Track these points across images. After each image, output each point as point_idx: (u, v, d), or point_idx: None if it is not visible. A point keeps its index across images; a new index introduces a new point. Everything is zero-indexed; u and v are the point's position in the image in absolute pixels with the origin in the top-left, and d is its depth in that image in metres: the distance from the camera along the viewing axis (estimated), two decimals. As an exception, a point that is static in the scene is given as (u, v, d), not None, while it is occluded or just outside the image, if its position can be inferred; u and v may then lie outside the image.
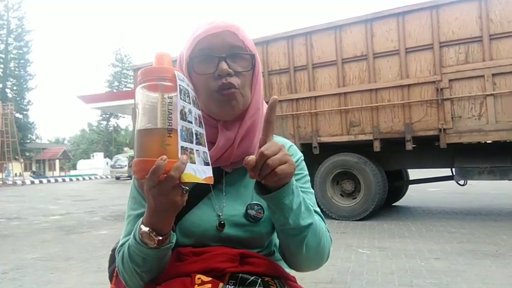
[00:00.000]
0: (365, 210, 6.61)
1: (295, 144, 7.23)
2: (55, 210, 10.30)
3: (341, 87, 6.69)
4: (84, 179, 32.71)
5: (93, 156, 44.26)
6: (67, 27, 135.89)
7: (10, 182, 27.63)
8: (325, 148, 6.92)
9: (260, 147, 0.80)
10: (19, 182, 27.63)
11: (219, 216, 0.94)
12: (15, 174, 31.16)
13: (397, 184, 7.95)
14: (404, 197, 8.65)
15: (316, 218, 0.93)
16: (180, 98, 0.73)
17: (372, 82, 6.46)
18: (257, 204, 0.95)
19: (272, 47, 7.26)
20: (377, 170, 6.62)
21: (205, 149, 0.83)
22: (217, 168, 0.95)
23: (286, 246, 0.93)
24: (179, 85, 0.73)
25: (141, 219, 0.82)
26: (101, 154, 43.82)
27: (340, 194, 6.99)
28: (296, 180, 0.97)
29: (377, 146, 6.44)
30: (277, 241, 1.03)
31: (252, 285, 0.86)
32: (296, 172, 0.99)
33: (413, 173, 8.60)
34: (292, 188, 0.84)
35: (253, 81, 0.96)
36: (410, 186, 8.63)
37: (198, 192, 0.95)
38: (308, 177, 1.07)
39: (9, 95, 37.72)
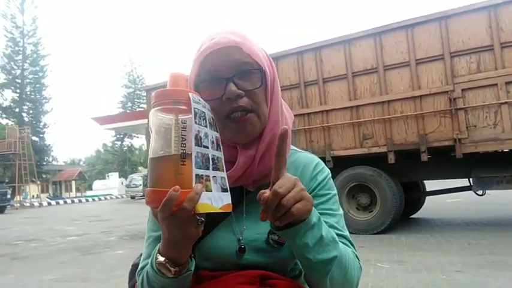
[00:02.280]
0: (382, 224, 6.52)
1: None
2: (72, 231, 10.39)
3: (352, 101, 6.68)
4: (99, 199, 32.97)
5: (108, 176, 44.64)
6: (80, 50, 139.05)
7: (27, 204, 27.98)
8: (339, 162, 6.88)
9: (273, 184, 0.73)
10: (36, 204, 27.96)
11: (239, 240, 0.90)
12: (33, 196, 31.55)
13: (413, 196, 7.84)
14: (422, 208, 8.51)
15: (341, 247, 0.84)
16: (195, 122, 0.69)
17: (383, 94, 6.44)
18: None
19: (282, 63, 7.31)
20: (392, 182, 6.55)
21: (223, 174, 0.77)
22: (238, 187, 0.91)
23: (310, 277, 0.87)
24: (194, 108, 0.70)
25: (158, 246, 0.79)
26: (116, 174, 44.19)
27: (356, 208, 6.92)
28: (323, 202, 0.94)
29: (391, 158, 6.39)
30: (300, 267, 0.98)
31: None
32: (323, 193, 0.96)
33: (430, 184, 8.47)
34: (312, 223, 0.77)
35: (267, 95, 0.90)
36: (427, 197, 8.49)
37: (217, 215, 0.89)
38: (336, 197, 1.00)
39: (26, 119, 38.51)
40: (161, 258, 0.77)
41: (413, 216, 8.36)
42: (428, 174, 7.07)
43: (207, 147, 0.73)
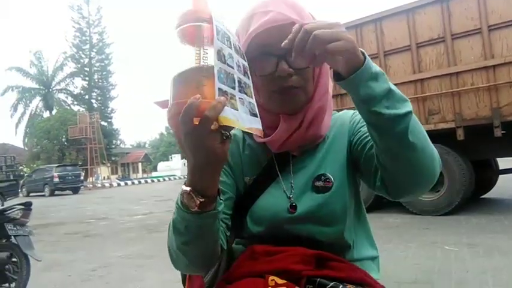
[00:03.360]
0: (450, 204, 6.14)
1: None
2: (139, 210, 10.93)
3: (417, 74, 6.28)
4: (164, 179, 34.47)
5: (171, 158, 46.42)
6: (139, 37, 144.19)
7: (99, 185, 29.94)
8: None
9: None
10: (107, 185, 29.84)
11: (289, 198, 0.91)
12: (104, 177, 33.66)
13: (485, 175, 7.31)
14: (494, 188, 7.92)
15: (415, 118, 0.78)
16: (218, 39, 0.65)
17: (451, 66, 5.97)
18: (323, 175, 0.91)
19: (340, 38, 7.03)
20: (461, 160, 6.13)
21: (252, 100, 0.73)
22: (284, 152, 0.94)
23: (384, 152, 0.79)
24: (216, 25, 0.66)
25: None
26: (178, 156, 45.79)
27: (421, 188, 6.58)
28: (364, 125, 0.88)
29: (460, 135, 5.96)
30: (354, 238, 0.96)
31: None
32: (361, 122, 0.94)
33: (504, 162, 7.85)
34: (374, 71, 0.74)
35: (315, 74, 0.91)
36: (500, 176, 7.89)
37: (266, 178, 0.93)
38: None
39: (95, 105, 40.81)
40: (187, 188, 0.72)
41: (484, 196, 7.82)
42: (501, 151, 6.51)
43: (232, 67, 0.68)
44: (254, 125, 0.70)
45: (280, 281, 0.78)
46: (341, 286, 0.77)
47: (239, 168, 0.97)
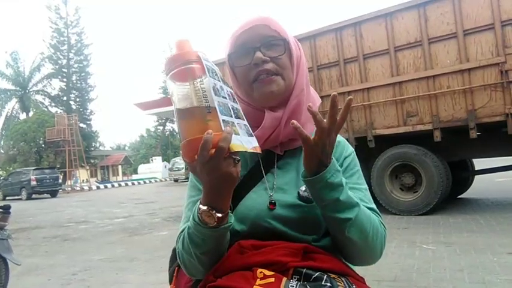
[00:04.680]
0: (428, 204, 6.29)
1: (349, 137, 6.96)
2: (119, 213, 10.81)
3: (395, 77, 6.41)
4: (145, 182, 34.08)
5: (152, 160, 45.94)
6: (120, 38, 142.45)
7: (78, 188, 29.41)
8: (381, 141, 6.67)
9: (322, 128, 0.81)
10: (86, 188, 29.34)
11: (270, 196, 0.95)
12: (82, 180, 33.07)
13: (461, 175, 7.50)
14: (470, 188, 8.13)
15: (366, 212, 0.91)
16: (210, 76, 0.74)
17: (428, 69, 6.12)
18: None
19: (320, 41, 7.11)
20: (439, 161, 6.28)
21: (245, 122, 0.84)
22: (268, 151, 1.00)
23: (333, 237, 0.93)
24: (205, 65, 0.74)
25: (199, 200, 0.83)
26: (159, 158, 45.39)
27: (400, 188, 6.71)
28: (348, 176, 1.00)
29: (437, 136, 6.10)
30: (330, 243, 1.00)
31: (317, 281, 0.81)
32: (349, 168, 1.03)
33: (479, 163, 8.07)
34: (327, 182, 0.85)
35: (293, 64, 1.00)
36: (476, 177, 8.09)
37: (252, 178, 0.99)
38: (361, 172, 1.05)
39: (73, 107, 39.97)
40: (204, 207, 0.80)
41: (461, 196, 8.02)
42: (477, 152, 6.72)
43: (225, 97, 0.78)
44: (253, 144, 0.81)
45: (268, 272, 0.81)
46: (325, 276, 0.82)
47: None
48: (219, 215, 0.80)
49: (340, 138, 1.06)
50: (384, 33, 6.49)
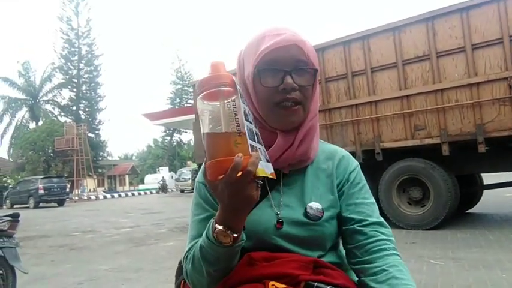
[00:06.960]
0: (436, 219, 6.23)
1: (356, 150, 6.92)
2: (125, 223, 10.81)
3: (403, 90, 6.41)
4: (151, 192, 34.11)
5: (159, 170, 46.03)
6: (131, 50, 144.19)
7: (85, 198, 29.51)
8: (389, 154, 6.64)
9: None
10: (93, 197, 29.43)
11: (277, 214, 0.95)
12: (90, 190, 33.18)
13: (469, 190, 7.43)
14: (479, 203, 8.05)
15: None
16: (241, 101, 0.76)
17: (436, 82, 6.12)
18: (316, 204, 0.96)
19: (328, 54, 7.15)
20: (447, 175, 6.23)
21: (264, 148, 0.86)
22: (275, 170, 0.96)
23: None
24: (238, 89, 0.76)
25: (213, 219, 0.84)
26: (166, 168, 45.48)
27: (408, 202, 6.66)
28: (355, 191, 1.00)
29: (446, 150, 6.07)
30: (343, 251, 1.02)
31: None
32: (355, 182, 1.02)
33: (488, 178, 7.99)
34: None
35: (313, 91, 0.98)
36: (485, 191, 8.02)
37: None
38: (367, 186, 1.04)
39: (82, 116, 40.36)
40: (220, 227, 0.81)
41: (469, 211, 7.93)
42: (485, 167, 6.65)
43: (251, 122, 0.81)
44: (271, 170, 0.82)
45: (280, 285, 0.82)
46: None
47: None
48: (235, 234, 0.81)
49: (343, 152, 1.07)
50: (392, 47, 6.51)
